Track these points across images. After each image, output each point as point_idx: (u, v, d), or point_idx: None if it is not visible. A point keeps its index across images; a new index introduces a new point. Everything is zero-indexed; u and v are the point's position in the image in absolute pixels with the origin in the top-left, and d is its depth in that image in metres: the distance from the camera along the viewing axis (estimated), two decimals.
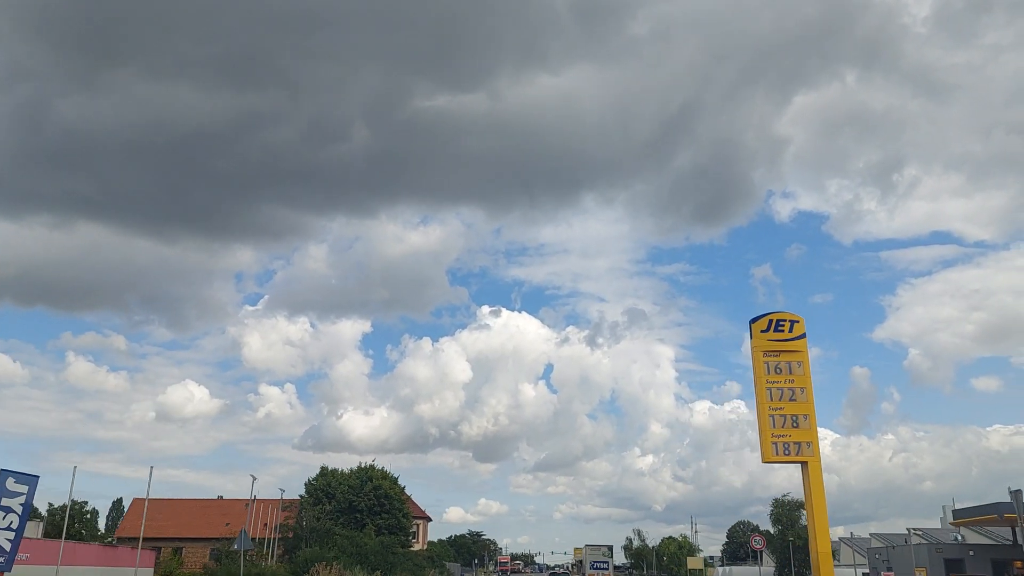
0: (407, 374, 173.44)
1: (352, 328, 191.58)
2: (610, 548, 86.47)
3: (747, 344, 29.60)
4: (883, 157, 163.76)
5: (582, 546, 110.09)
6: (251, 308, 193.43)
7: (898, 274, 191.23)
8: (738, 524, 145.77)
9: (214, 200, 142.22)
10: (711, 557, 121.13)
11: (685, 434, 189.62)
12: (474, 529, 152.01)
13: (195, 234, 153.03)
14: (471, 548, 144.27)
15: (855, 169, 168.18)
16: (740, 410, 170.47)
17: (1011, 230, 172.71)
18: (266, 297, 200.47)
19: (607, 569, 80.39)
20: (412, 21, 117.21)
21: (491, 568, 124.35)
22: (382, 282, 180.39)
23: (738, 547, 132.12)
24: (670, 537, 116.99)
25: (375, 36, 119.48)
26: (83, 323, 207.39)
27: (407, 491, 66.65)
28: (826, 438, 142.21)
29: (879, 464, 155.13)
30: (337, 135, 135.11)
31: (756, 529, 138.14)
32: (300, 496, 53.14)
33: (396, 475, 57.76)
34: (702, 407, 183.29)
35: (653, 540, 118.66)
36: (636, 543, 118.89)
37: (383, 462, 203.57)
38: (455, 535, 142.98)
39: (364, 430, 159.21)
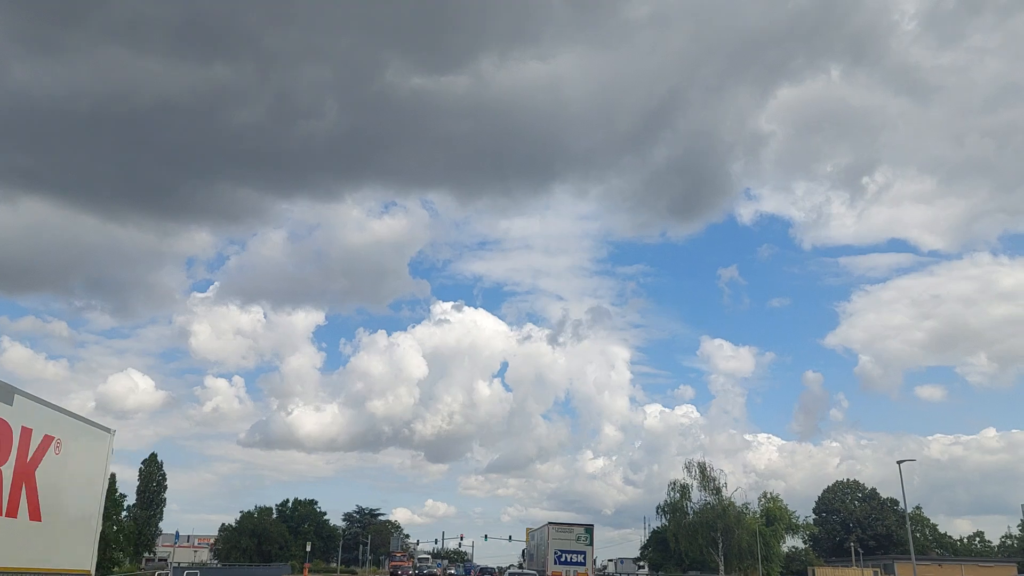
0: (360, 369, 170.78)
1: (306, 319, 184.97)
2: (588, 528, 54.78)
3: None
4: (857, 158, 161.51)
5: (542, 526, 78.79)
6: (200, 295, 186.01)
7: (855, 280, 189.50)
8: (833, 488, 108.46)
9: (170, 178, 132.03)
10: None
11: (637, 437, 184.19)
12: (421, 531, 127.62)
13: (147, 214, 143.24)
14: (334, 532, 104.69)
15: (824, 173, 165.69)
16: (692, 414, 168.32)
17: (965, 240, 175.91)
18: (216, 284, 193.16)
19: (583, 566, 52.92)
20: None
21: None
22: (342, 272, 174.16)
23: (842, 527, 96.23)
24: (729, 502, 78.60)
25: (351, 5, 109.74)
26: (21, 307, 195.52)
27: None
28: (773, 444, 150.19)
29: (824, 470, 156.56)
30: (305, 111, 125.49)
31: (881, 495, 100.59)
32: None
33: None
34: (654, 410, 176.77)
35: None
36: (702, 499, 77.70)
37: (332, 460, 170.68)
38: (305, 498, 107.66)
39: (314, 427, 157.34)
